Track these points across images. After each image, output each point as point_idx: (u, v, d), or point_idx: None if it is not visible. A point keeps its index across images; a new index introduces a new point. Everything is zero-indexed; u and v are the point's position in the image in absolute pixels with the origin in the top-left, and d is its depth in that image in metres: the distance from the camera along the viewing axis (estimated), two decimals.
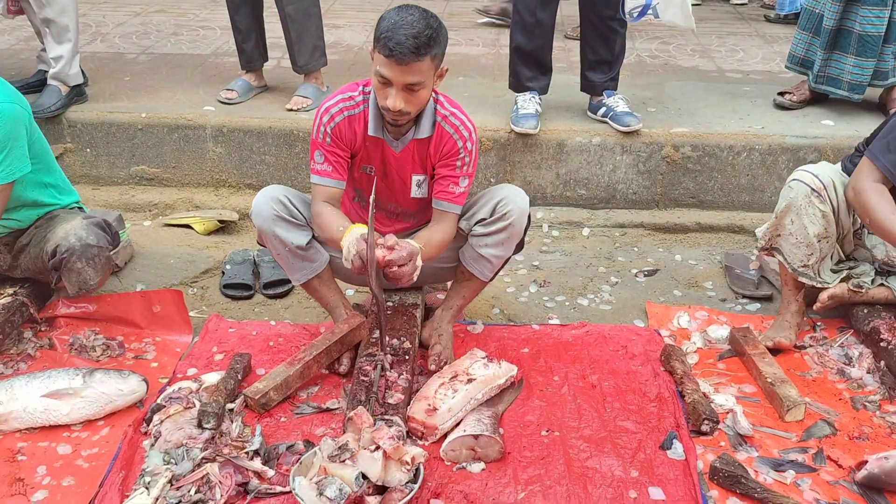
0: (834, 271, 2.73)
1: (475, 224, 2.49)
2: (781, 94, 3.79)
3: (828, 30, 3.49)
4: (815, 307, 2.70)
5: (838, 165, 2.71)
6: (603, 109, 3.57)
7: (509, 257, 2.58)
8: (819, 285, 2.68)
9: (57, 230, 2.58)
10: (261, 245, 2.60)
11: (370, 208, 2.20)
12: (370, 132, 2.37)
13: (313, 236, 2.51)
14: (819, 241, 2.60)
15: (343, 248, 2.23)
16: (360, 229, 2.24)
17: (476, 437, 2.16)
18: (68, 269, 2.53)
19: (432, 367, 2.50)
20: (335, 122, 2.37)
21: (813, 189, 2.56)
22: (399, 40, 2.12)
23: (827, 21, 3.48)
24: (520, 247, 2.58)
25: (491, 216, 2.46)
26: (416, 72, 2.17)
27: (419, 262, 2.23)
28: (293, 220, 2.46)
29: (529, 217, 2.51)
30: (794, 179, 2.61)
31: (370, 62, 2.26)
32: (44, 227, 2.65)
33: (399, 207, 2.57)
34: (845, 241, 2.76)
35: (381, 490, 1.99)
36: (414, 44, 2.13)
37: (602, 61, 3.52)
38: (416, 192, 2.51)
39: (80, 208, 2.82)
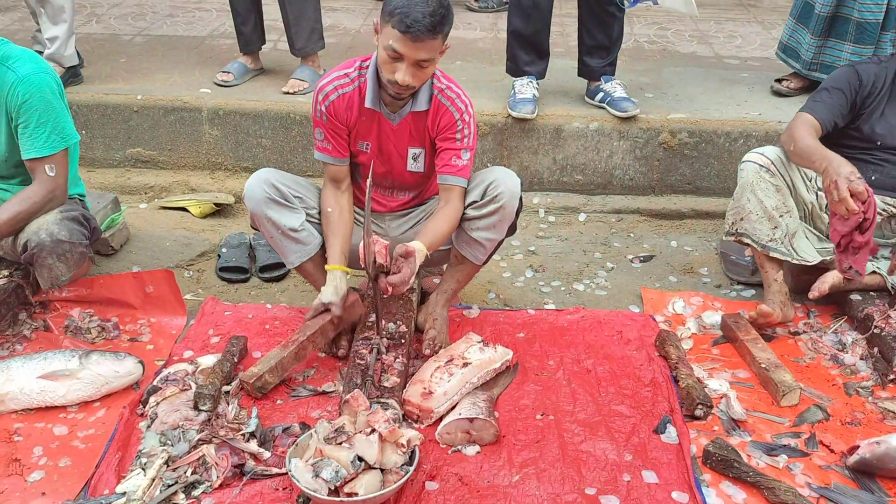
0: (820, 252, 2.75)
1: (467, 207, 2.48)
2: (779, 80, 3.79)
3: (822, 16, 3.49)
4: (810, 295, 2.71)
5: None
6: (600, 95, 3.56)
7: (502, 240, 2.58)
8: (797, 261, 2.71)
9: (32, 223, 2.54)
10: (255, 229, 2.60)
11: (367, 193, 2.19)
12: (367, 105, 2.39)
13: (306, 219, 2.51)
14: (780, 215, 2.67)
15: (322, 291, 2.41)
16: (339, 279, 2.41)
17: (471, 420, 2.17)
18: (39, 265, 2.52)
19: (427, 352, 2.51)
20: (329, 101, 2.40)
21: (761, 165, 2.69)
22: (416, 17, 2.14)
23: (820, 8, 3.48)
24: (512, 229, 2.58)
25: (482, 199, 2.45)
26: (428, 49, 2.21)
27: (415, 269, 2.24)
28: (286, 202, 2.46)
29: (521, 199, 2.51)
30: (743, 162, 2.75)
31: (368, 46, 2.26)
32: None
33: (395, 182, 2.58)
34: (814, 216, 2.80)
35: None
36: (430, 22, 2.16)
37: (600, 46, 3.51)
38: (412, 166, 2.52)
39: (81, 200, 2.81)
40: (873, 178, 2.74)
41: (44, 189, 2.54)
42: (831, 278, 2.68)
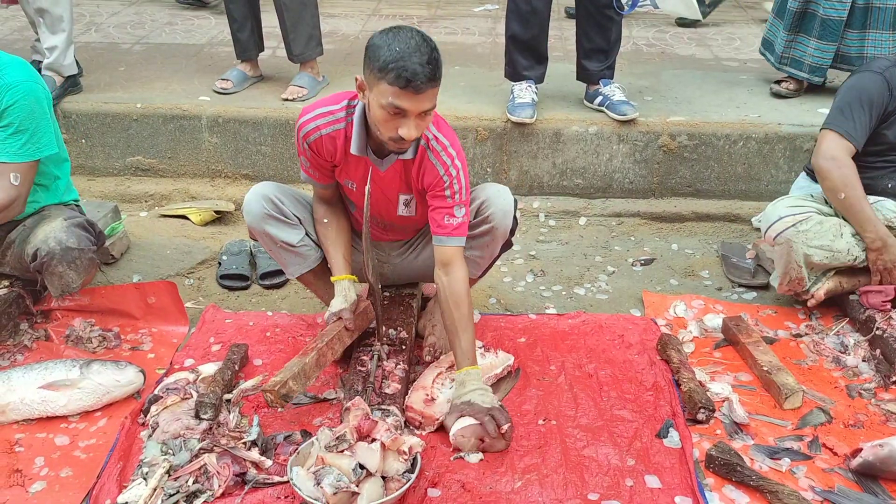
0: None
1: None
2: (778, 82, 3.79)
3: (792, 11, 3.55)
4: (809, 304, 2.72)
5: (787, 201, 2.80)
6: (599, 98, 3.56)
7: (498, 255, 2.54)
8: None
9: (38, 231, 2.54)
10: (253, 239, 2.59)
11: (365, 198, 2.18)
12: (353, 151, 2.24)
13: (306, 233, 2.48)
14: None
15: (332, 303, 2.37)
16: (346, 288, 2.40)
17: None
18: (49, 273, 2.51)
19: (427, 358, 2.50)
20: (311, 140, 2.29)
21: (793, 226, 2.65)
22: (415, 70, 1.99)
23: (791, 2, 3.54)
24: (507, 246, 2.53)
25: (474, 218, 2.38)
26: (431, 97, 2.08)
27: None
28: (284, 218, 2.42)
29: (516, 218, 2.44)
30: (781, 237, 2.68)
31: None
32: (30, 226, 2.61)
33: (386, 221, 2.50)
34: None
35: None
36: (430, 70, 2.01)
37: (598, 50, 3.51)
38: (402, 211, 2.42)
39: (77, 206, 2.81)
40: (889, 185, 2.72)
41: (5, 195, 2.48)
42: (826, 286, 2.69)
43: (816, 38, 3.52)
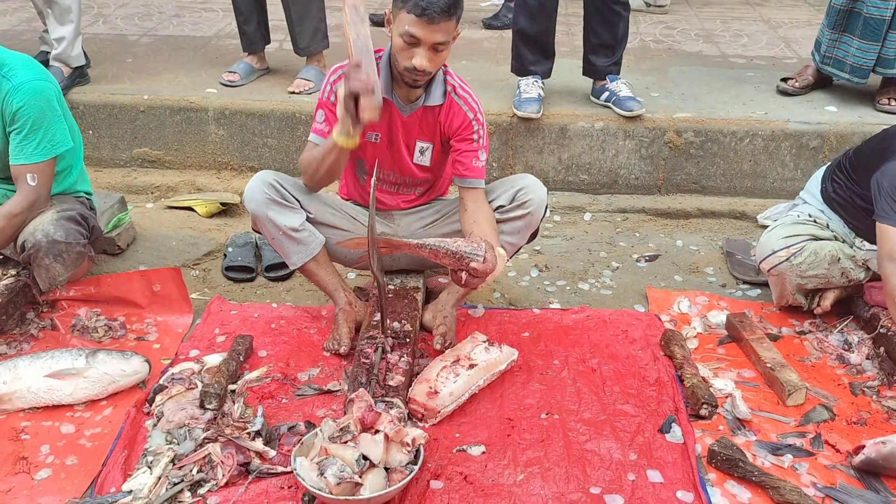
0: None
1: (494, 211, 2.50)
2: (785, 79, 3.78)
3: (836, 9, 3.49)
4: (816, 311, 2.72)
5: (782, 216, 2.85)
6: (606, 94, 3.56)
7: (521, 246, 2.59)
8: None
9: (29, 223, 2.55)
10: (256, 232, 2.61)
11: (371, 190, 2.20)
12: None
13: (307, 219, 2.52)
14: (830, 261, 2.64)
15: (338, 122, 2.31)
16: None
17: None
18: (37, 265, 2.52)
19: (437, 347, 2.52)
20: (340, 84, 2.39)
21: (785, 260, 2.63)
22: (431, 0, 2.18)
23: (836, 0, 3.49)
24: (533, 236, 2.61)
25: (510, 203, 2.48)
26: (444, 31, 2.24)
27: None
28: (286, 202, 2.47)
29: (547, 207, 2.54)
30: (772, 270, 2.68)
31: (376, 37, 2.27)
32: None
33: (401, 178, 2.59)
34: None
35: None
36: (445, 3, 2.20)
37: (605, 45, 3.51)
38: (418, 159, 2.54)
39: (88, 199, 2.82)
40: None
41: (25, 201, 2.51)
42: (832, 294, 2.69)
43: (859, 38, 3.46)
